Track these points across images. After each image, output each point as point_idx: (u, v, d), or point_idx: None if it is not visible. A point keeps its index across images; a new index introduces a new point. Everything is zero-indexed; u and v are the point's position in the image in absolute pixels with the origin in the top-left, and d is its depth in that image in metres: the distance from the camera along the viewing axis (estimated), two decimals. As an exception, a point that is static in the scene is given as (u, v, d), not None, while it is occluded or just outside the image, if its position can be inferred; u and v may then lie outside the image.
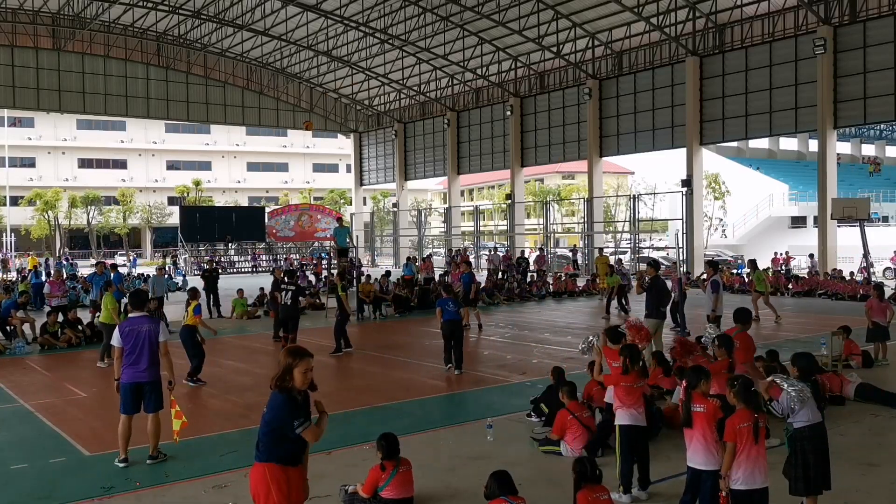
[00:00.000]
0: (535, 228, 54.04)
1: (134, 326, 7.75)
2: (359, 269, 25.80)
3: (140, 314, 7.93)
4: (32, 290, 24.13)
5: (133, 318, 7.89)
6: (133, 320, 7.86)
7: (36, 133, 69.68)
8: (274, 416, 4.70)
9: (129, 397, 7.73)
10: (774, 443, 6.70)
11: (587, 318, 21.10)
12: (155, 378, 7.81)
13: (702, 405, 5.67)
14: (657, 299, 12.49)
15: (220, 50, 44.99)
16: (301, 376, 4.73)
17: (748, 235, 48.13)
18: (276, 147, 79.43)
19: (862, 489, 6.79)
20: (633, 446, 6.64)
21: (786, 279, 27.83)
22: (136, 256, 58.03)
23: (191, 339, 11.91)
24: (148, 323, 7.82)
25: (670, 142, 34.95)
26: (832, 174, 29.14)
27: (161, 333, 7.80)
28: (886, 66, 26.96)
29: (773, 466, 5.69)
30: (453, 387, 11.84)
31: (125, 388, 7.73)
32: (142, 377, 7.72)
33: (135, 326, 7.75)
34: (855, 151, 59.87)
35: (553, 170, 67.44)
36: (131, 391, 7.73)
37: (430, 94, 46.11)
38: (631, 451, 6.62)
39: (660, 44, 34.40)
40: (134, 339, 7.69)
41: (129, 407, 7.75)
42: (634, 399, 6.70)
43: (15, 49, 40.19)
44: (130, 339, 7.69)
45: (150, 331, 7.74)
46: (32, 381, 12.64)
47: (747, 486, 5.33)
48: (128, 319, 8.00)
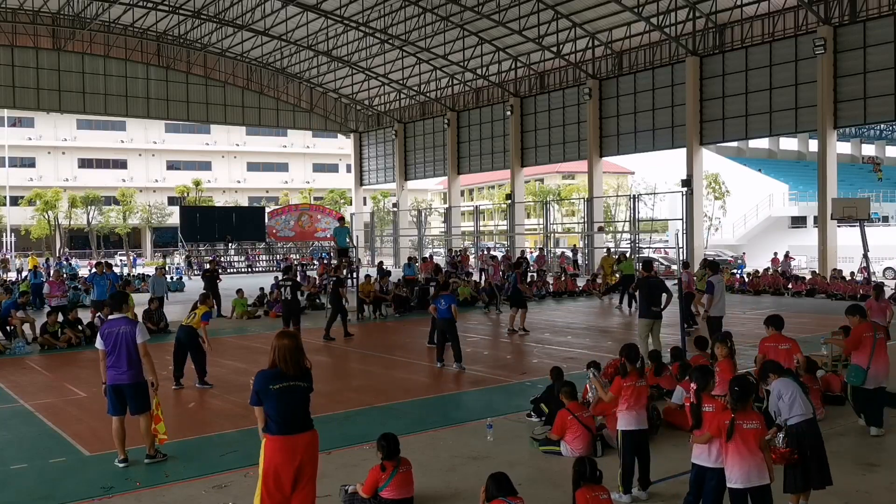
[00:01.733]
0: (535, 228, 54.03)
1: (112, 328, 7.71)
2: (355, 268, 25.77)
3: (119, 316, 7.89)
4: (32, 290, 24.13)
5: (112, 321, 7.86)
6: (112, 322, 7.82)
7: (36, 133, 69.68)
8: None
9: (113, 399, 7.74)
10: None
11: (587, 317, 21.11)
12: (136, 380, 7.72)
13: (710, 405, 5.70)
14: (648, 299, 12.52)
15: (220, 50, 44.99)
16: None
17: (748, 235, 48.13)
18: (276, 147, 79.43)
19: (862, 489, 6.79)
20: (635, 448, 6.66)
21: (785, 279, 27.83)
22: (137, 256, 58.04)
23: (191, 340, 11.79)
24: (125, 324, 7.74)
25: (670, 142, 34.95)
26: (832, 174, 29.14)
27: (139, 335, 7.70)
28: (886, 66, 26.96)
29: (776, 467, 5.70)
30: (453, 387, 11.85)
31: (109, 390, 7.73)
32: (122, 379, 7.67)
33: (113, 328, 7.71)
34: (855, 151, 59.85)
35: (553, 170, 67.44)
36: (115, 392, 7.72)
37: (430, 94, 46.11)
38: (633, 452, 6.64)
39: (660, 44, 34.41)
40: (113, 341, 7.65)
41: (115, 408, 7.75)
42: (636, 399, 6.69)
43: (15, 49, 40.19)
44: (110, 341, 7.66)
45: (127, 332, 7.66)
46: (32, 381, 12.64)
47: (742, 484, 5.35)
48: (107, 321, 7.98)
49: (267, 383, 5.23)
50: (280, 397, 5.20)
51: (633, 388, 6.71)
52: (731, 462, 5.39)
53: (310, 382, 5.40)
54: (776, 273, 28.97)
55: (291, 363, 5.25)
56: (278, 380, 5.22)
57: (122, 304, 8.10)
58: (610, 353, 12.17)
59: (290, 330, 5.81)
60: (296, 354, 5.29)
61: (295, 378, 5.26)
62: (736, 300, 24.01)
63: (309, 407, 5.38)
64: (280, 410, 5.19)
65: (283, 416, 5.19)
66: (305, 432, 5.28)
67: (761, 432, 5.44)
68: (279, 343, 5.32)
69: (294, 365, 5.26)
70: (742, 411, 5.43)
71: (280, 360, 5.26)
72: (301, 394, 5.30)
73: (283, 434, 5.18)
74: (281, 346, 5.30)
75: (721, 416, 5.47)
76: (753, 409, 5.62)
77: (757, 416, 5.51)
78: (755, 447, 5.37)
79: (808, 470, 5.96)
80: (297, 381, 5.26)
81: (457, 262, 32.47)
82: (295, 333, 5.57)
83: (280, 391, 5.20)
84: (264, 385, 5.23)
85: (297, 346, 5.35)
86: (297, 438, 5.22)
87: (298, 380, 5.28)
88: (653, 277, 12.90)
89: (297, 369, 5.27)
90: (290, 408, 5.22)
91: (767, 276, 28.16)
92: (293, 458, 5.17)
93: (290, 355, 5.27)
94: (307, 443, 5.28)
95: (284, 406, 5.20)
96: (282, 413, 5.19)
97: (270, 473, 5.16)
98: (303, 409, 5.31)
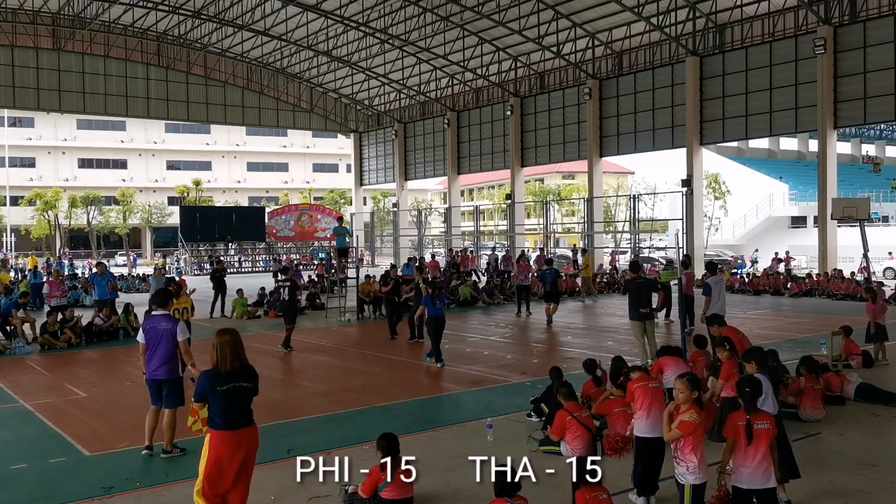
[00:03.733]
0: (535, 228, 54.01)
1: (154, 325, 8.05)
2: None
3: (161, 313, 8.18)
4: (32, 290, 24.12)
5: (154, 317, 8.18)
6: (154, 318, 8.15)
7: (36, 133, 69.64)
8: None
9: (153, 391, 8.08)
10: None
11: (587, 317, 21.10)
12: (173, 375, 8.04)
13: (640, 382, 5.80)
14: (636, 302, 12.56)
15: (220, 50, 44.98)
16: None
17: (748, 235, 48.13)
18: (276, 147, 79.40)
19: (862, 489, 6.79)
20: (649, 453, 6.50)
21: (785, 279, 27.83)
22: (137, 256, 58.03)
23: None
24: (166, 322, 8.06)
25: (670, 142, 34.95)
26: (832, 174, 29.14)
27: (179, 333, 8.03)
28: (886, 66, 26.95)
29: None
30: (453, 387, 11.84)
31: (149, 383, 8.07)
32: (159, 374, 8.00)
33: (155, 324, 8.05)
34: (855, 151, 59.84)
35: (553, 170, 67.41)
36: (154, 386, 8.05)
37: (430, 94, 46.10)
38: (645, 457, 6.50)
39: (660, 44, 34.40)
40: (153, 337, 7.97)
41: (156, 400, 8.07)
42: (651, 399, 6.53)
43: (15, 49, 40.17)
44: (150, 336, 7.99)
45: (168, 330, 7.97)
46: (32, 381, 12.64)
47: (747, 485, 5.34)
48: (150, 317, 8.28)
49: (213, 384, 5.45)
50: (226, 397, 5.46)
51: (647, 387, 6.62)
52: (739, 462, 5.36)
53: (254, 383, 5.62)
54: (777, 273, 28.97)
55: (231, 359, 5.47)
56: (224, 381, 5.47)
57: (167, 301, 8.39)
58: (610, 353, 12.14)
59: (230, 328, 5.91)
60: (236, 349, 5.51)
61: (239, 378, 5.51)
62: (736, 300, 24.01)
63: (251, 404, 5.62)
64: (226, 408, 5.46)
65: (229, 413, 5.46)
66: (248, 427, 5.55)
67: (772, 432, 5.40)
68: (219, 340, 5.55)
69: (234, 360, 5.48)
70: (755, 413, 5.41)
71: (221, 359, 5.48)
72: (245, 393, 5.56)
73: (230, 429, 5.45)
74: (221, 342, 5.53)
75: (734, 418, 5.44)
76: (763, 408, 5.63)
77: (768, 417, 5.49)
78: (765, 448, 5.34)
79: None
80: (241, 382, 5.52)
81: (457, 262, 32.46)
82: (234, 330, 5.77)
83: (226, 391, 5.47)
84: (211, 386, 5.45)
85: (236, 341, 5.57)
86: (241, 433, 5.49)
87: (242, 380, 5.53)
88: (639, 278, 13.05)
89: (239, 366, 5.51)
90: (235, 405, 5.48)
91: (767, 276, 28.16)
92: (237, 452, 5.44)
93: (230, 351, 5.48)
94: (250, 437, 5.55)
95: (229, 404, 5.46)
96: (227, 410, 5.46)
97: (214, 466, 5.41)
98: (246, 405, 5.56)
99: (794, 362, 10.36)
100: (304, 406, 10.71)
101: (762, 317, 19.74)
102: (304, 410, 10.39)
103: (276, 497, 6.71)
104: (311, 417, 9.94)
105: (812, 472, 6.98)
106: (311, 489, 6.45)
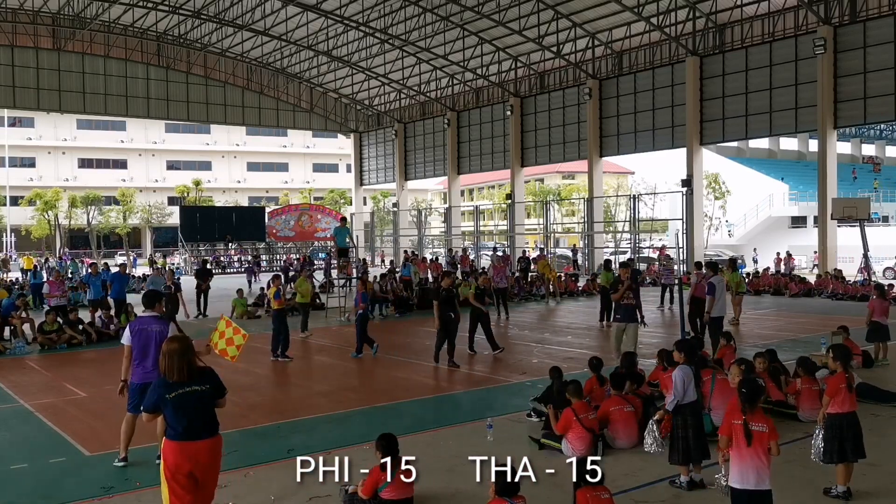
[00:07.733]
0: (535, 228, 54.00)
1: (143, 326, 7.66)
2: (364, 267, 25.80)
3: (150, 314, 7.84)
4: (32, 290, 24.12)
5: (142, 318, 7.84)
6: (142, 320, 7.80)
7: (36, 133, 69.65)
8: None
9: (136, 397, 7.57)
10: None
11: (587, 317, 21.09)
12: None
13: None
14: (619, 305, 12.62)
15: (220, 50, 44.99)
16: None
17: (748, 235, 48.12)
18: (276, 147, 79.41)
19: (862, 489, 6.79)
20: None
21: (786, 280, 27.82)
22: (136, 256, 58.01)
23: (281, 320, 14.02)
24: (156, 323, 7.67)
25: (670, 142, 34.96)
26: (832, 174, 29.14)
27: (171, 334, 7.59)
28: (886, 66, 26.96)
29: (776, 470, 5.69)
30: (454, 387, 11.85)
31: (133, 388, 7.61)
32: (149, 377, 7.54)
33: (144, 326, 7.66)
34: (855, 151, 59.81)
35: (553, 170, 67.40)
36: (140, 391, 7.55)
37: (430, 94, 46.11)
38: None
39: (660, 44, 34.41)
40: (143, 339, 7.61)
41: (136, 407, 7.58)
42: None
43: (15, 49, 40.18)
44: (139, 338, 7.61)
45: (159, 332, 7.57)
46: (32, 381, 12.64)
47: (740, 485, 5.35)
48: (137, 319, 7.97)
49: (163, 393, 5.18)
50: (177, 405, 5.14)
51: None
52: (735, 461, 5.37)
53: (211, 384, 5.30)
54: (777, 274, 28.98)
55: (176, 368, 5.18)
56: (172, 388, 5.17)
57: (155, 302, 7.97)
58: (610, 352, 12.16)
59: (179, 335, 5.67)
60: (183, 357, 5.21)
61: (189, 383, 5.19)
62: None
63: (212, 410, 5.28)
64: (178, 418, 5.13)
65: (181, 423, 5.12)
66: (207, 439, 5.20)
67: (768, 436, 5.39)
68: (167, 348, 5.27)
69: (181, 369, 5.19)
70: (751, 413, 5.41)
71: (167, 368, 5.21)
72: (198, 399, 5.20)
73: (182, 440, 5.12)
74: (168, 351, 5.25)
75: (732, 417, 5.46)
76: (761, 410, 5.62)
77: (765, 419, 5.48)
78: (761, 449, 5.35)
79: (689, 447, 6.71)
80: (192, 387, 5.19)
81: (457, 261, 32.49)
82: (183, 337, 5.52)
83: (176, 399, 5.14)
84: (161, 394, 5.19)
85: (184, 348, 5.26)
86: (197, 445, 5.14)
87: (194, 384, 5.21)
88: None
89: (188, 373, 5.21)
90: (188, 414, 5.14)
91: (768, 277, 28.16)
92: (192, 464, 5.12)
93: (176, 359, 5.19)
94: (209, 448, 5.20)
95: (182, 414, 5.13)
96: (180, 420, 5.13)
97: (171, 477, 5.13)
98: (203, 415, 5.20)
99: (793, 362, 10.34)
100: (304, 406, 10.71)
101: (763, 317, 19.72)
102: (304, 410, 10.38)
103: (276, 497, 6.71)
104: (311, 417, 9.94)
105: (812, 473, 6.99)
106: (311, 489, 6.45)
